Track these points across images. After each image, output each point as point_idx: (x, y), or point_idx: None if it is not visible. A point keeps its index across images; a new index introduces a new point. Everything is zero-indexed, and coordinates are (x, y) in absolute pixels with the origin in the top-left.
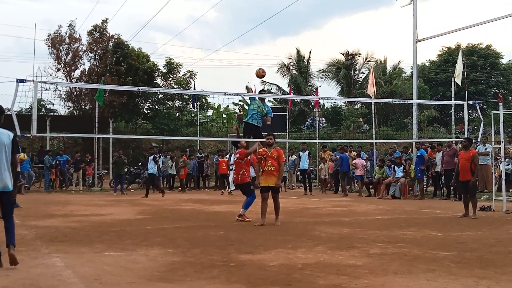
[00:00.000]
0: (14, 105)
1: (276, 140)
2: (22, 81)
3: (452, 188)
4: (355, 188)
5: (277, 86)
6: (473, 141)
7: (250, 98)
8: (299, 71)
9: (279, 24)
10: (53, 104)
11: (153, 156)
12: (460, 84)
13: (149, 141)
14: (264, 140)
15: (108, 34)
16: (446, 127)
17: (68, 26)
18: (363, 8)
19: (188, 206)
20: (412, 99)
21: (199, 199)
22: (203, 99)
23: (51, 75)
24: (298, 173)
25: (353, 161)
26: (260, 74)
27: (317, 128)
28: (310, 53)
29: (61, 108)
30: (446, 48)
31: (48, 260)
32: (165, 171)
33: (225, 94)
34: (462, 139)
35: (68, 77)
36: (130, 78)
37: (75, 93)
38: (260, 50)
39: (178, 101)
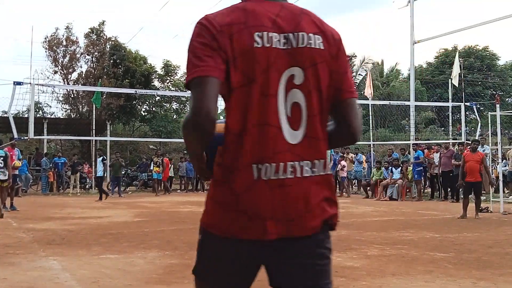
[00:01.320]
0: (11, 107)
1: None
2: (19, 83)
3: (449, 189)
4: (352, 190)
5: None
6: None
7: None
8: None
9: None
10: (50, 106)
11: (102, 157)
12: (457, 86)
13: (146, 143)
14: None
15: (105, 37)
16: (444, 128)
17: (65, 29)
18: (359, 9)
19: (185, 208)
20: (409, 100)
21: (197, 201)
22: None
23: (48, 78)
24: None
25: (341, 163)
26: None
27: None
28: None
29: (58, 110)
30: (443, 50)
31: (46, 263)
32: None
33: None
34: (471, 141)
35: (65, 80)
36: (127, 80)
37: (72, 96)
38: None
39: (175, 103)
